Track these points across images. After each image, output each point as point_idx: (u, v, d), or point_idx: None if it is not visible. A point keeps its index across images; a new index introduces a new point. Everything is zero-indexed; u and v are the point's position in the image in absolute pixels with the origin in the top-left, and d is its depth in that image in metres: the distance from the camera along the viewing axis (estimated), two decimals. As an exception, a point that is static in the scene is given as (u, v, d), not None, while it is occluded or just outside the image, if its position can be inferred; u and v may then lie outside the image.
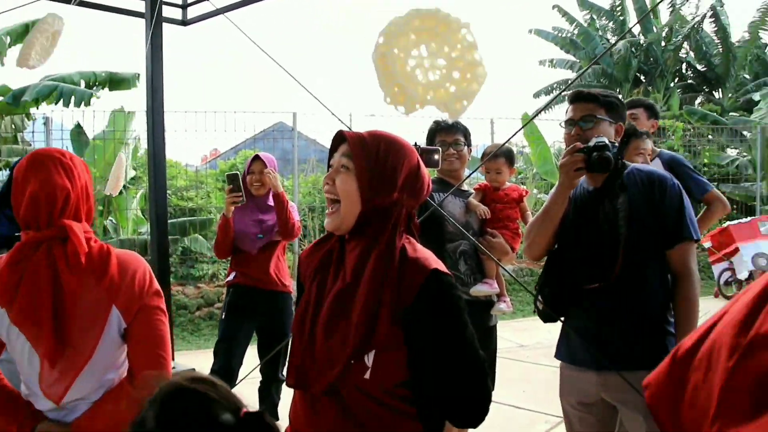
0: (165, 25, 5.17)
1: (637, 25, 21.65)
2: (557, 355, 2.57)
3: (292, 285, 4.31)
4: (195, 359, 6.44)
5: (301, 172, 10.54)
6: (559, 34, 22.41)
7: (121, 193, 9.76)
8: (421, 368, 1.58)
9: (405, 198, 1.64)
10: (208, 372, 3.98)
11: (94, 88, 8.95)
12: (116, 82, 9.05)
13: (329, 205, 1.68)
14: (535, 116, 3.76)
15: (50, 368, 1.78)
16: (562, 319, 2.51)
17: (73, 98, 8.50)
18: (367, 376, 1.55)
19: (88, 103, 8.58)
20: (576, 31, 22.14)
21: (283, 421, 1.68)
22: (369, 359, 1.55)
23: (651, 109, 4.08)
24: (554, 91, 22.76)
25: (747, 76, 21.34)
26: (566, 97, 2.60)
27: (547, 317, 2.54)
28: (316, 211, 10.88)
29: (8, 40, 9.17)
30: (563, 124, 2.53)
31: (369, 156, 1.62)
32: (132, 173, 10.47)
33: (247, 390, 4.00)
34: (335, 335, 1.57)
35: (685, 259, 2.36)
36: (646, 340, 2.34)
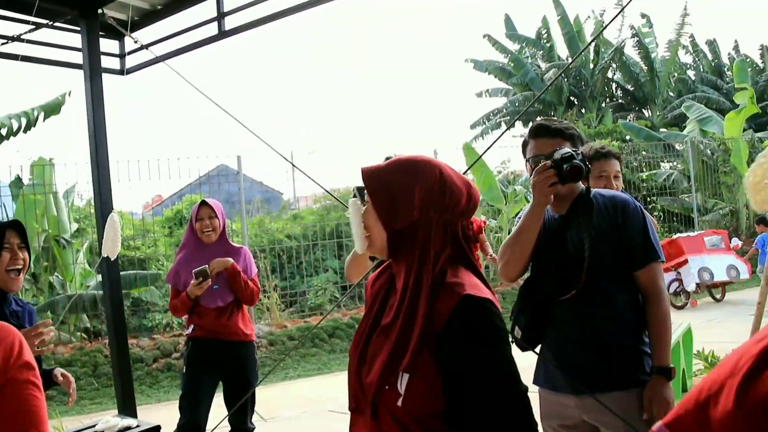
0: (104, 74, 5.12)
1: (566, 49, 22.41)
2: (535, 382, 2.57)
3: (254, 332, 4.22)
4: (158, 413, 6.27)
5: (246, 213, 10.50)
6: (491, 64, 23.01)
7: (64, 247, 9.52)
8: (455, 399, 1.53)
9: (432, 215, 1.61)
10: (174, 428, 3.88)
11: (26, 125, 8.80)
12: (50, 109, 8.92)
13: (366, 238, 1.68)
14: (491, 145, 3.83)
15: None
16: (537, 350, 2.54)
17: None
18: (399, 403, 1.51)
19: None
20: (507, 60, 22.78)
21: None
22: (401, 385, 1.52)
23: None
24: (490, 120, 23.31)
25: (672, 94, 22.28)
26: (528, 132, 2.61)
27: (524, 347, 2.56)
28: (266, 251, 10.80)
29: None
30: (529, 161, 2.52)
31: (381, 183, 1.64)
32: (74, 226, 10.22)
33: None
34: (376, 360, 1.58)
35: (653, 279, 2.42)
36: (621, 361, 2.38)
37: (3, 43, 4.90)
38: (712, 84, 22.29)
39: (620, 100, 23.42)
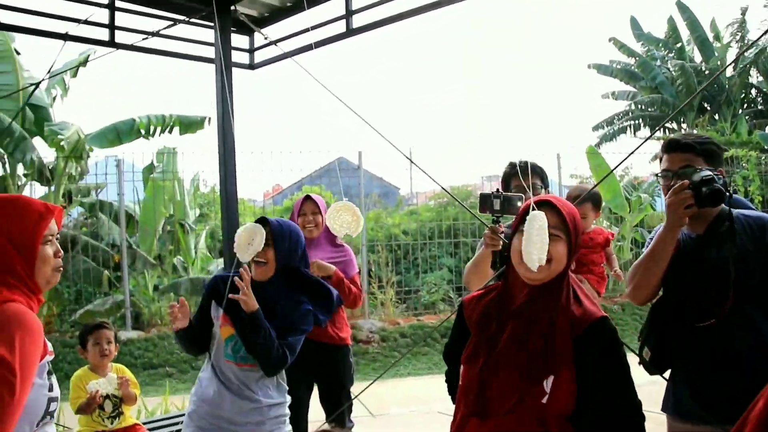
0: (233, 69, 5.27)
1: (698, 51, 21.28)
2: (664, 409, 2.46)
3: (350, 334, 4.11)
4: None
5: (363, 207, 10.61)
6: (617, 66, 22.17)
7: (187, 231, 9.96)
8: (584, 400, 1.79)
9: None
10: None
11: (161, 130, 9.25)
12: (186, 125, 9.32)
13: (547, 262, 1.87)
14: (630, 154, 3.63)
15: None
16: (666, 376, 2.40)
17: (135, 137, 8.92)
18: (544, 400, 1.76)
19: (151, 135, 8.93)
20: (634, 63, 21.89)
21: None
22: (548, 385, 1.77)
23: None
24: (613, 123, 22.46)
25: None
26: (661, 147, 2.51)
27: (652, 369, 2.43)
28: (381, 246, 10.84)
29: (68, 76, 9.58)
30: (660, 174, 2.46)
31: (572, 228, 1.93)
32: (197, 211, 10.67)
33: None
34: (516, 364, 1.82)
35: None
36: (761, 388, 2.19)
37: (143, 38, 5.14)
38: None
39: (759, 107, 21.95)
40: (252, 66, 5.90)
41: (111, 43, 5.14)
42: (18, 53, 9.22)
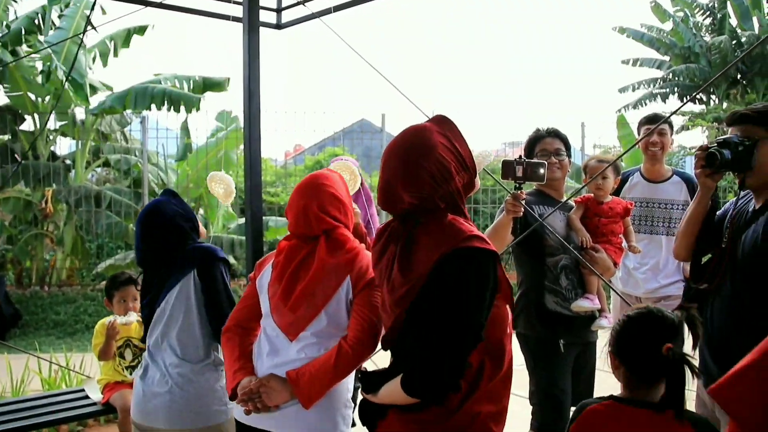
0: (261, 28, 5.26)
1: (735, 20, 20.76)
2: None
3: None
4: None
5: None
6: (648, 32, 21.66)
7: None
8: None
9: None
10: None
11: (193, 92, 9.31)
12: (209, 86, 9.35)
13: None
14: (664, 120, 3.63)
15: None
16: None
17: (182, 104, 8.92)
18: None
19: (198, 108, 8.95)
20: (668, 29, 21.36)
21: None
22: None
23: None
24: (641, 87, 21.99)
25: None
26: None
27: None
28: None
29: (112, 45, 9.62)
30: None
31: None
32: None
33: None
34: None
35: None
36: None
37: (171, -5, 5.15)
38: None
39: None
40: (279, 26, 5.88)
41: (140, 0, 5.15)
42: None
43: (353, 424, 2.44)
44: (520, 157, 2.82)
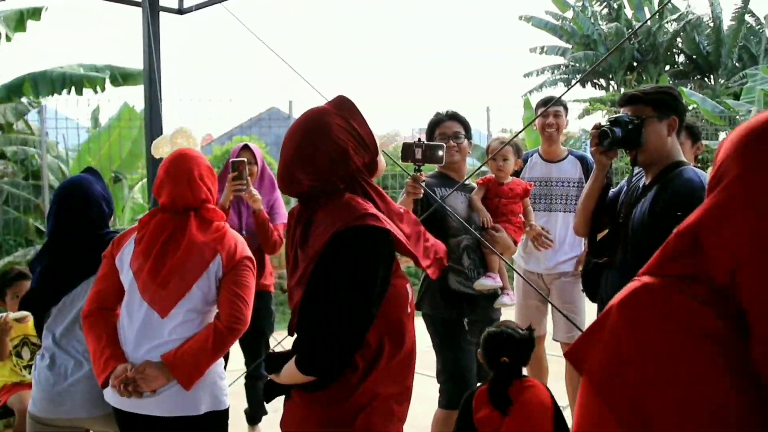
0: (162, 14, 5.15)
1: (629, 10, 21.67)
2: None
3: (274, 282, 4.17)
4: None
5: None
6: (551, 20, 22.39)
7: (118, 180, 9.77)
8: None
9: None
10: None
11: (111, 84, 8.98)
12: (123, 77, 9.04)
13: None
14: (551, 104, 3.83)
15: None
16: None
17: (87, 85, 8.60)
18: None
19: (103, 88, 8.62)
20: (568, 17, 22.12)
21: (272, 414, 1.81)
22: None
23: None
24: (545, 73, 22.74)
25: (737, 65, 21.42)
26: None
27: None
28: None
29: (3, 29, 9.16)
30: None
31: None
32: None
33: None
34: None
35: None
36: None
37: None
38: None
39: (681, 67, 22.62)
40: (181, 11, 5.75)
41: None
42: None
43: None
44: (419, 139, 2.87)
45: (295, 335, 1.87)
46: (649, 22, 20.78)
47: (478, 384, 3.13)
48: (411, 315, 1.91)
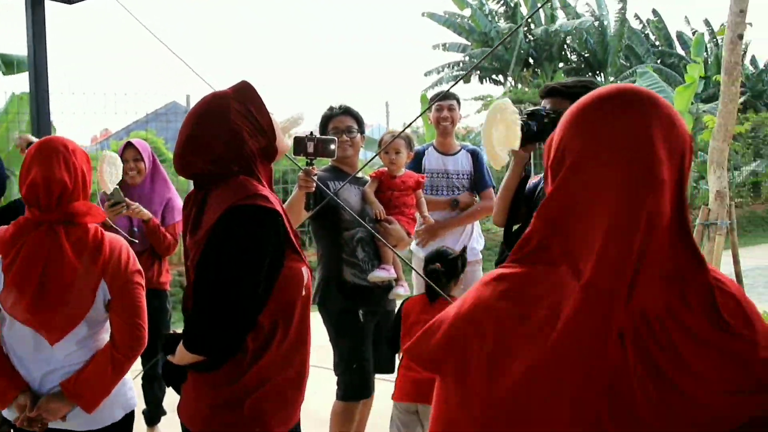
0: (49, 3, 4.95)
1: (525, 9, 22.38)
2: None
3: (170, 280, 4.10)
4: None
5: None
6: (451, 18, 22.82)
7: (7, 177, 9.29)
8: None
9: None
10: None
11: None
12: (7, 64, 8.59)
13: None
14: (438, 98, 3.95)
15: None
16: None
17: None
18: None
19: None
20: (467, 15, 22.61)
21: (170, 414, 1.84)
22: None
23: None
24: (445, 70, 23.16)
25: (625, 63, 22.53)
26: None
27: None
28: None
29: None
30: None
31: None
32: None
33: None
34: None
35: None
36: None
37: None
38: (661, 55, 22.67)
39: (573, 65, 23.56)
40: (69, 0, 5.54)
41: None
42: None
43: None
44: (311, 133, 2.90)
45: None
46: (543, 20, 21.55)
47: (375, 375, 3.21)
48: (307, 298, 1.93)
